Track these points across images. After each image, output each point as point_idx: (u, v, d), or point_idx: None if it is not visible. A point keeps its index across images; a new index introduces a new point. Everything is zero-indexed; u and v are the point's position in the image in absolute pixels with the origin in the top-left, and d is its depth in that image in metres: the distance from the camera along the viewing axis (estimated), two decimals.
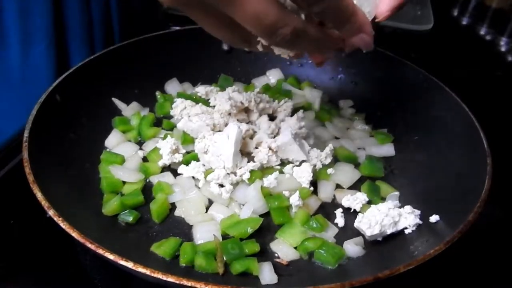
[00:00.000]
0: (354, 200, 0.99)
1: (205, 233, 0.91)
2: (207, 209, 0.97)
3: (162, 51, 1.31)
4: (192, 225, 0.95)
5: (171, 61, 1.33)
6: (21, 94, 1.26)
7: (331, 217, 0.98)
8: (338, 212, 0.99)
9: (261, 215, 0.95)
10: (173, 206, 0.98)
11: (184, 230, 0.95)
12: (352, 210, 0.99)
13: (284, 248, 0.90)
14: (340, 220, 0.97)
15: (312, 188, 1.00)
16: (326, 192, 1.02)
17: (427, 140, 1.12)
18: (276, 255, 0.90)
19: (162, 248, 0.88)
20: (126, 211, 0.94)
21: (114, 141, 1.11)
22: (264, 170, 1.03)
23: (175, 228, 0.95)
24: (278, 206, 0.95)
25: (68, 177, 0.97)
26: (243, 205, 0.97)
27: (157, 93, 1.28)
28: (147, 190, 1.02)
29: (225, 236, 0.92)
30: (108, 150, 1.09)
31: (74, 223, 0.78)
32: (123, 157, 1.07)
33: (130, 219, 0.93)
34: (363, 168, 1.09)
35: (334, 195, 1.03)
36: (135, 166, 1.05)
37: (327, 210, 1.00)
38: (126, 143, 1.12)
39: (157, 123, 1.19)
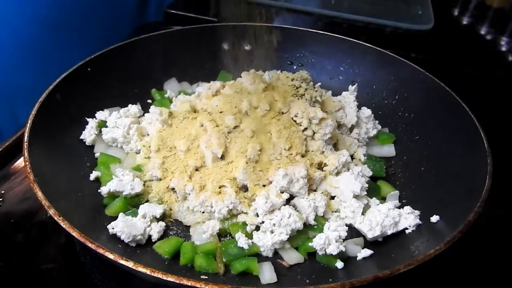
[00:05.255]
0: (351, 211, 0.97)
1: (202, 235, 0.92)
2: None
3: (162, 51, 1.31)
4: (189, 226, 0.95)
5: (171, 60, 1.33)
6: None
7: None
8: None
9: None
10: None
11: (184, 230, 0.95)
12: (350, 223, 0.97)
13: (290, 251, 0.90)
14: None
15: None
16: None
17: (427, 140, 1.12)
18: (278, 260, 0.89)
19: (163, 247, 0.88)
20: (130, 210, 0.95)
21: (101, 148, 1.10)
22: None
23: (175, 228, 0.96)
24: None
25: (68, 177, 0.97)
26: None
27: (153, 91, 1.29)
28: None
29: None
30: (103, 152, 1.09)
31: (74, 222, 0.78)
32: (119, 159, 1.07)
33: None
34: None
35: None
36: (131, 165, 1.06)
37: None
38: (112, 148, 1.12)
39: None
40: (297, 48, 1.40)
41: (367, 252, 0.89)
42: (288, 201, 0.96)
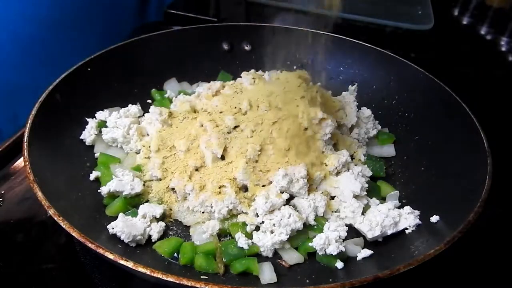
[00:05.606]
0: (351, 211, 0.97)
1: (201, 235, 0.92)
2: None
3: (162, 51, 1.31)
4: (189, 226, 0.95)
5: (171, 60, 1.33)
6: None
7: None
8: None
9: None
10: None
11: (184, 230, 0.95)
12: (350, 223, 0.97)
13: (290, 251, 0.90)
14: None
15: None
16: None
17: (427, 140, 1.12)
18: (278, 260, 0.90)
19: (163, 247, 0.88)
20: (130, 210, 0.95)
21: (101, 148, 1.10)
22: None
23: (175, 228, 0.96)
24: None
25: (68, 177, 0.97)
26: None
27: (153, 91, 1.29)
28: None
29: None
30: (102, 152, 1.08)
31: (74, 223, 0.78)
32: (119, 159, 1.07)
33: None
34: None
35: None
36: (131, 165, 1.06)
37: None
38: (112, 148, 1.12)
39: None
40: (297, 48, 1.40)
41: (367, 252, 0.89)
42: (288, 201, 0.96)
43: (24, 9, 1.23)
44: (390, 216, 0.92)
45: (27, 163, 0.87)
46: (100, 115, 1.15)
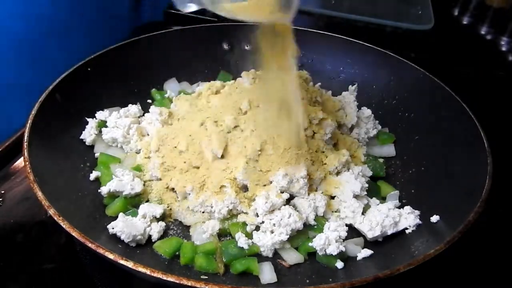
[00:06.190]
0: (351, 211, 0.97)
1: (202, 235, 0.92)
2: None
3: (162, 51, 1.31)
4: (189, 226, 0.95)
5: (171, 60, 1.33)
6: None
7: None
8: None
9: None
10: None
11: (184, 230, 0.95)
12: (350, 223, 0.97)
13: (290, 251, 0.90)
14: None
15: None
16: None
17: (427, 140, 1.12)
18: (278, 260, 0.90)
19: (163, 247, 0.88)
20: (130, 210, 0.95)
21: (101, 148, 1.10)
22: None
23: (175, 228, 0.96)
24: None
25: (68, 177, 0.97)
26: None
27: (153, 91, 1.29)
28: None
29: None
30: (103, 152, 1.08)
31: (74, 223, 0.78)
32: (119, 159, 1.07)
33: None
34: None
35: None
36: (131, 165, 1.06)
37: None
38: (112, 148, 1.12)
39: None
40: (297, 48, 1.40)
41: (367, 252, 0.89)
42: (288, 201, 0.96)
43: (18, 8, 1.23)
44: (390, 216, 0.92)
45: (27, 163, 0.87)
46: (100, 115, 1.15)
